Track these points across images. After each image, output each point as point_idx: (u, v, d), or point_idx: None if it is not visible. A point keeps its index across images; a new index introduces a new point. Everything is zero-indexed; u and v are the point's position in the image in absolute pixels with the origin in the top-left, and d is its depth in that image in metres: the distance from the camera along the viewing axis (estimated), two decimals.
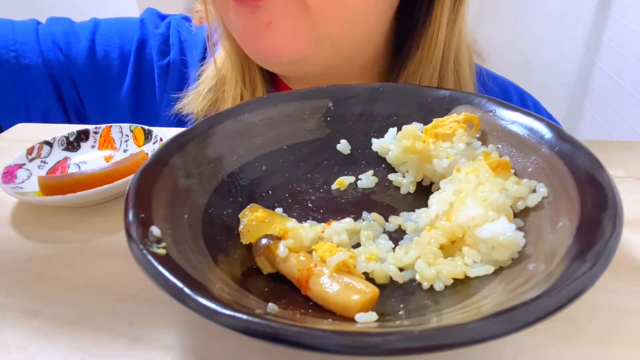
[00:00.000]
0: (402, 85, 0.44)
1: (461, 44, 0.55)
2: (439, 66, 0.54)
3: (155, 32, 0.64)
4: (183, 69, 0.63)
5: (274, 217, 0.32)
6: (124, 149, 0.47)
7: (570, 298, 0.21)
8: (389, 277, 0.29)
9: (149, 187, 0.29)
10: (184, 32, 0.65)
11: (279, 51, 0.46)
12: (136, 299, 0.30)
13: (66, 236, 0.37)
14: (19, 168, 0.43)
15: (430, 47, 0.52)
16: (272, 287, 0.28)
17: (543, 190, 0.30)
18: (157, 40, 0.64)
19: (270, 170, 0.38)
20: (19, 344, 0.28)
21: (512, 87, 0.66)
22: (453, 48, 0.54)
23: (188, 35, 0.64)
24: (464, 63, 0.56)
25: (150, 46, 0.64)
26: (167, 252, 0.25)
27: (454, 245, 0.29)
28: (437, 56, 0.53)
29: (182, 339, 0.27)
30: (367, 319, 0.24)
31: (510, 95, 0.64)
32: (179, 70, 0.63)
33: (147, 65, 0.64)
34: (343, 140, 0.40)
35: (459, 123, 0.35)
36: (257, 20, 0.44)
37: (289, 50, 0.46)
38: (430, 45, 0.52)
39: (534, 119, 0.33)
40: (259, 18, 0.44)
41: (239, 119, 0.38)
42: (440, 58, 0.53)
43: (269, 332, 0.20)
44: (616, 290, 0.29)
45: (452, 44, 0.54)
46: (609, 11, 1.28)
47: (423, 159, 0.36)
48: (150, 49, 0.64)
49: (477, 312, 0.22)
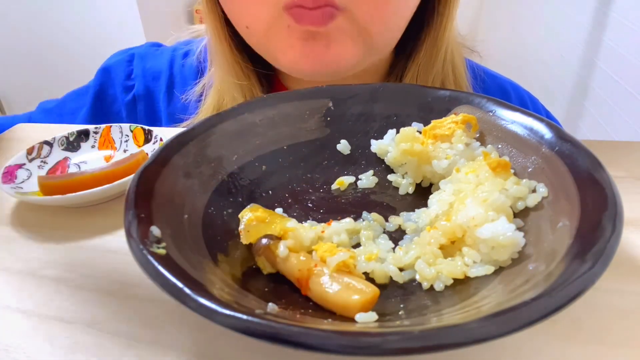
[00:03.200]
0: (402, 85, 0.44)
1: (455, 38, 0.55)
2: (443, 63, 0.54)
3: (119, 71, 0.65)
4: (149, 99, 0.64)
5: (274, 217, 0.32)
6: (124, 149, 0.47)
7: (570, 298, 0.21)
8: (389, 277, 0.29)
9: (149, 187, 0.29)
10: (148, 61, 0.65)
11: (337, 67, 0.46)
12: (136, 299, 0.30)
13: (66, 236, 0.37)
14: (19, 168, 0.43)
15: (436, 45, 0.52)
16: (272, 287, 0.28)
17: (543, 190, 0.30)
18: (120, 78, 0.65)
19: (270, 170, 0.38)
20: (19, 344, 0.28)
21: (510, 84, 0.66)
22: (452, 45, 0.54)
23: (153, 62, 0.65)
24: (458, 57, 0.56)
25: (115, 87, 0.65)
26: (167, 252, 0.25)
27: (454, 246, 0.29)
28: (442, 53, 0.53)
29: (182, 339, 0.27)
30: (367, 319, 0.24)
31: (508, 93, 0.64)
32: (145, 100, 0.64)
33: (109, 107, 0.65)
34: (343, 140, 0.40)
35: (457, 124, 0.35)
36: (316, 44, 0.44)
37: (346, 64, 0.46)
38: (436, 43, 0.52)
39: (534, 119, 0.33)
40: (318, 42, 0.44)
41: (239, 119, 0.38)
42: (444, 55, 0.53)
43: (269, 332, 0.20)
44: (616, 290, 0.29)
45: (453, 40, 0.54)
46: (609, 11, 1.28)
47: (422, 161, 0.36)
48: (115, 89, 0.65)
49: (477, 312, 0.22)
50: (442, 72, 0.55)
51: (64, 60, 2.10)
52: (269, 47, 0.48)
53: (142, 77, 0.64)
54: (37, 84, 2.19)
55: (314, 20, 0.42)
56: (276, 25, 0.44)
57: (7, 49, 2.09)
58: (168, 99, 0.63)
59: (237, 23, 0.49)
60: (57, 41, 2.05)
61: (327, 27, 0.43)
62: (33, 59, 2.12)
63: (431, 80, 0.54)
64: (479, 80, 0.60)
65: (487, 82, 0.62)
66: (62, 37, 2.04)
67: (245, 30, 0.48)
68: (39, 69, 2.14)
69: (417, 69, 0.54)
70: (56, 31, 2.03)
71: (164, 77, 0.64)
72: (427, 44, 0.53)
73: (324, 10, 0.41)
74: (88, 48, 2.04)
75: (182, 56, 0.65)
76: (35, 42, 2.07)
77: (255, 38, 0.48)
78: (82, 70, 2.15)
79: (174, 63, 0.64)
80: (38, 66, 2.13)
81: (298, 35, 0.44)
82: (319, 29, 0.43)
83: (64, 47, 2.07)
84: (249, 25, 0.47)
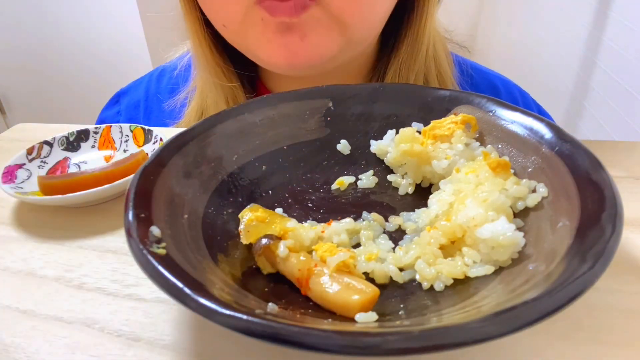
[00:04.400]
0: (402, 85, 0.44)
1: (436, 31, 0.55)
2: (425, 58, 0.54)
3: (110, 114, 0.69)
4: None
5: (274, 217, 0.32)
6: (124, 149, 0.47)
7: (570, 298, 0.21)
8: (389, 277, 0.29)
9: (149, 187, 0.29)
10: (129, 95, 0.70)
11: (313, 60, 0.46)
12: (136, 298, 0.30)
13: (66, 236, 0.37)
14: (19, 168, 0.43)
15: (417, 41, 0.52)
16: (272, 287, 0.28)
17: (543, 190, 0.30)
18: (111, 120, 0.69)
19: (270, 170, 0.38)
20: (19, 344, 0.28)
21: (500, 79, 0.65)
22: (435, 41, 0.54)
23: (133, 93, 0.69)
24: (442, 53, 0.56)
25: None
26: (167, 252, 0.25)
27: (454, 246, 0.29)
28: (424, 48, 0.53)
29: (182, 339, 0.27)
30: (367, 319, 0.24)
31: (498, 88, 0.63)
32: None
33: None
34: (343, 140, 0.40)
35: (457, 124, 0.35)
36: (291, 36, 0.44)
37: (322, 57, 0.46)
38: (418, 37, 0.52)
39: (534, 119, 0.33)
40: (293, 33, 0.44)
41: (238, 119, 0.38)
42: (426, 51, 0.53)
43: (269, 332, 0.20)
44: (616, 290, 0.29)
45: (435, 35, 0.54)
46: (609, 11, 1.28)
47: (422, 161, 0.36)
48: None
49: (477, 312, 0.22)
50: (424, 68, 0.55)
51: (64, 60, 2.10)
52: (248, 44, 0.48)
53: (126, 111, 0.68)
54: (37, 84, 2.19)
55: (287, 12, 0.42)
56: (250, 20, 0.45)
57: (7, 49, 2.09)
58: (146, 122, 0.66)
59: (215, 22, 0.49)
60: (57, 41, 2.05)
61: (301, 18, 0.43)
62: (33, 59, 2.12)
63: (413, 77, 0.54)
64: (466, 76, 0.60)
65: (475, 78, 0.62)
66: (62, 37, 2.04)
67: (223, 29, 0.49)
68: (39, 69, 2.14)
69: (399, 66, 0.54)
70: (56, 31, 2.03)
71: (142, 105, 0.67)
72: (407, 40, 0.53)
73: (296, 1, 0.42)
74: (88, 48, 2.05)
75: (157, 78, 0.68)
76: (35, 42, 2.07)
77: (233, 36, 0.49)
78: (82, 70, 2.16)
79: (149, 87, 0.68)
80: (38, 66, 2.14)
81: (273, 28, 0.44)
82: (293, 20, 0.43)
83: (64, 47, 2.07)
84: (225, 23, 0.47)
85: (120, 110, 0.68)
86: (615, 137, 1.26)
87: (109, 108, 0.70)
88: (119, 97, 0.70)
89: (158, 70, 0.69)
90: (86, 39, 2.02)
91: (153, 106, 0.66)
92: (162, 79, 0.67)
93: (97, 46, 2.02)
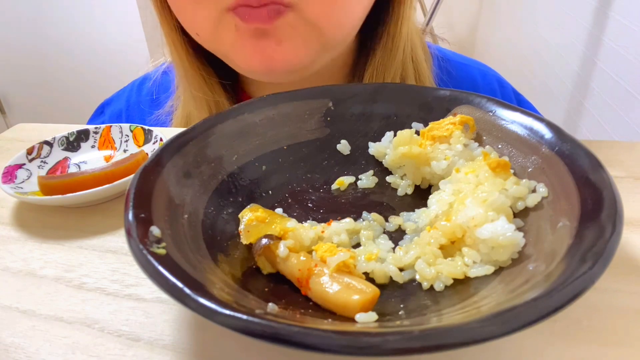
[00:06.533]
0: (402, 85, 0.44)
1: (414, 30, 0.55)
2: (403, 58, 0.54)
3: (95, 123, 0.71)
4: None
5: (274, 217, 0.32)
6: (124, 149, 0.47)
7: (570, 298, 0.21)
8: (389, 277, 0.29)
9: (149, 187, 0.29)
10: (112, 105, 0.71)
11: (290, 66, 0.46)
12: (136, 298, 0.30)
13: (66, 236, 0.37)
14: (19, 168, 0.43)
15: (393, 42, 0.52)
16: (272, 287, 0.28)
17: (543, 190, 0.30)
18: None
19: (270, 170, 0.38)
20: (19, 344, 0.28)
21: (478, 71, 0.63)
22: (412, 41, 0.54)
23: (115, 103, 0.70)
24: (420, 52, 0.56)
25: None
26: (167, 252, 0.25)
27: (454, 246, 0.29)
28: (401, 47, 0.52)
29: (182, 339, 0.27)
30: (367, 319, 0.24)
31: (476, 81, 0.62)
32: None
33: None
34: (343, 140, 0.40)
35: (455, 125, 0.35)
36: (267, 40, 0.44)
37: (299, 62, 0.46)
38: (393, 39, 0.52)
39: (534, 119, 0.33)
40: (269, 39, 0.44)
41: (238, 119, 0.38)
42: (403, 51, 0.53)
43: (269, 332, 0.20)
44: (616, 290, 0.29)
45: (412, 34, 0.53)
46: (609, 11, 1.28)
47: (421, 163, 0.36)
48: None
49: (477, 312, 0.22)
50: (402, 69, 0.54)
51: (64, 60, 2.10)
52: (223, 50, 0.47)
53: (109, 121, 0.68)
54: (37, 84, 2.19)
55: (260, 18, 0.41)
56: (223, 27, 0.44)
57: (7, 49, 2.10)
58: None
59: (189, 30, 0.48)
60: (57, 41, 2.05)
61: (275, 24, 0.42)
62: (33, 59, 2.12)
63: (390, 77, 0.54)
64: (444, 73, 0.60)
65: (453, 73, 0.61)
66: (62, 37, 2.04)
67: (198, 38, 0.48)
68: (39, 69, 2.14)
69: (376, 67, 0.53)
70: (56, 31, 2.03)
71: (123, 114, 0.67)
72: (383, 41, 0.52)
73: (269, 8, 0.41)
74: (88, 48, 2.05)
75: (138, 87, 0.68)
76: (35, 42, 2.07)
77: (208, 43, 0.48)
78: (82, 70, 2.16)
79: (130, 97, 0.68)
80: (38, 66, 2.14)
81: (248, 34, 0.43)
82: (267, 26, 0.42)
83: (64, 48, 2.07)
84: (197, 31, 0.47)
85: (104, 121, 0.68)
86: (615, 137, 1.26)
87: (94, 119, 0.70)
88: (103, 108, 0.70)
89: (139, 80, 0.69)
90: (86, 39, 2.02)
91: (134, 115, 0.66)
92: (143, 87, 0.67)
93: (97, 46, 2.03)
